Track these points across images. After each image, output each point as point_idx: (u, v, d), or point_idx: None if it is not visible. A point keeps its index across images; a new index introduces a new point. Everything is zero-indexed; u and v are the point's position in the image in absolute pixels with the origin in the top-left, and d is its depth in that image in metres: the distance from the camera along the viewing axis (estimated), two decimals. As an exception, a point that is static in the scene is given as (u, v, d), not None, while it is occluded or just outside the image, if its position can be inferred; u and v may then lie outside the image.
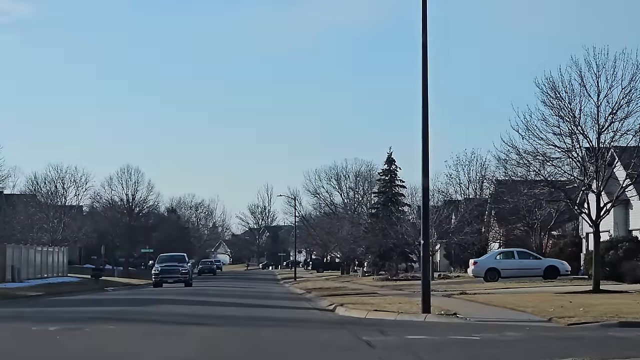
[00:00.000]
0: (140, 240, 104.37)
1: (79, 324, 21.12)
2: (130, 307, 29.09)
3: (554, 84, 32.50)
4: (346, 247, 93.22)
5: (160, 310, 27.89)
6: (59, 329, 19.76)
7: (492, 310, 25.87)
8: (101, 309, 28.68)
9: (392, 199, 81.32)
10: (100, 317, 23.53)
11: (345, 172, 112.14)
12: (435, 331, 19.66)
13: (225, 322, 22.75)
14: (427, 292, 23.84)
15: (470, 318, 22.93)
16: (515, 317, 23.42)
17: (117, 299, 38.27)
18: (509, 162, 34.98)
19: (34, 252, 65.31)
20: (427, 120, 23.93)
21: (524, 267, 49.56)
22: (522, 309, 25.13)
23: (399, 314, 24.12)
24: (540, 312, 23.82)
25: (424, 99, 23.82)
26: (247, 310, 28.29)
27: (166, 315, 24.94)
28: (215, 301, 33.71)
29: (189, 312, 26.98)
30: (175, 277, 58.28)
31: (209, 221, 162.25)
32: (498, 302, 28.44)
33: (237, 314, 25.95)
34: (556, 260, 50.59)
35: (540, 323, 21.82)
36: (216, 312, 26.92)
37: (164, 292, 45.31)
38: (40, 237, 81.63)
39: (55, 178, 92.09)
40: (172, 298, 36.55)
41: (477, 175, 71.44)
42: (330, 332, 20.14)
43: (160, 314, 26.00)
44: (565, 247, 57.04)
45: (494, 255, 51.75)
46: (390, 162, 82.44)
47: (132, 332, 19.45)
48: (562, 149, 32.29)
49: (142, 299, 36.71)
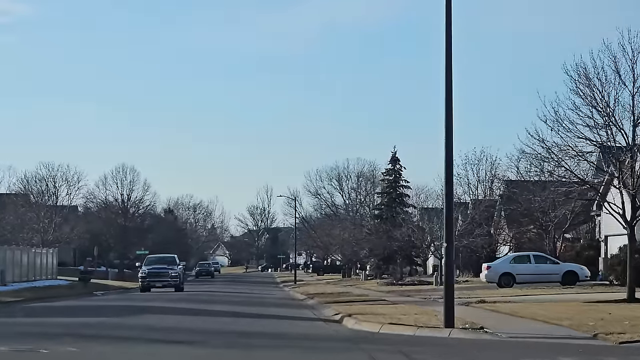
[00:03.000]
0: (135, 241, 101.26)
1: (39, 341, 17.64)
2: (109, 319, 25.44)
3: (586, 70, 29.26)
4: (348, 249, 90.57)
5: (141, 322, 24.23)
6: (6, 351, 16.29)
7: (522, 323, 22.63)
8: (76, 321, 25.04)
9: (396, 200, 78.54)
10: (69, 333, 19.97)
11: (347, 172, 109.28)
12: (468, 353, 16.37)
13: (213, 339, 19.29)
14: (451, 303, 20.48)
15: (501, 333, 19.69)
16: (552, 332, 20.18)
17: (101, 306, 34.77)
18: (535, 156, 31.65)
19: (20, 253, 62.25)
20: (451, 122, 20.87)
21: (541, 272, 46.39)
22: (557, 322, 21.89)
23: (418, 327, 20.77)
24: (579, 327, 20.60)
25: (447, 101, 20.78)
26: (242, 322, 24.75)
27: (144, 330, 21.30)
28: (206, 310, 30.26)
29: (172, 324, 23.51)
30: (165, 281, 53.23)
31: (207, 222, 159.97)
32: (525, 313, 25.20)
33: (229, 328, 22.44)
34: (575, 265, 47.41)
35: (585, 341, 18.59)
36: (204, 325, 23.32)
37: (152, 298, 41.53)
38: (31, 238, 78.85)
39: (46, 176, 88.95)
40: (159, 306, 33.06)
41: (487, 175, 68.15)
42: (343, 354, 16.80)
43: (139, 327, 22.43)
44: (582, 251, 53.99)
45: (509, 260, 48.45)
46: (395, 161, 79.66)
47: (94, 357, 16.20)
48: (595, 142, 29.03)
49: (126, 306, 33.22)
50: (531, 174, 53.00)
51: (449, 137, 20.89)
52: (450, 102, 20.90)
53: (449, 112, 20.90)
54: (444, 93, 20.95)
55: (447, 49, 20.87)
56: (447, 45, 20.87)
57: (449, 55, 20.85)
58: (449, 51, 20.86)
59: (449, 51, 20.86)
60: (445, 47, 20.89)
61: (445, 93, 20.91)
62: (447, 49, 20.87)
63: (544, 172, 49.24)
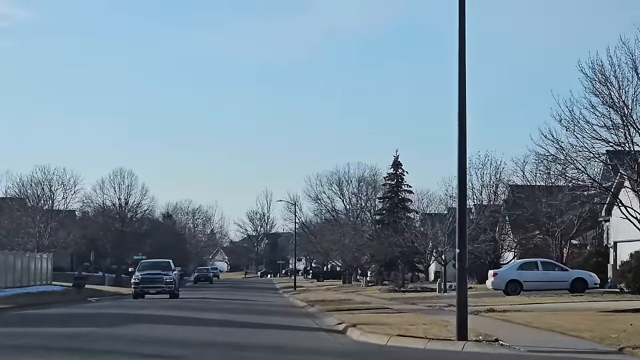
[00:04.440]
0: (132, 246, 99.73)
1: (11, 355, 16.07)
2: (97, 329, 23.67)
3: (602, 67, 27.84)
4: (348, 255, 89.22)
5: (130, 332, 22.45)
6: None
7: (538, 334, 21.13)
8: (60, 331, 23.27)
9: (398, 205, 77.24)
10: (46, 346, 18.35)
11: (347, 176, 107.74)
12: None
13: (206, 352, 17.77)
14: (464, 314, 18.96)
15: (519, 347, 18.20)
16: (574, 345, 18.69)
17: (92, 314, 33.13)
18: (548, 157, 30.23)
19: (13, 258, 60.73)
20: (465, 124, 19.51)
21: (549, 279, 44.92)
22: (577, 334, 20.39)
23: (429, 340, 19.21)
24: (602, 339, 19.12)
25: (460, 106, 19.39)
26: (238, 333, 23.08)
27: (131, 343, 19.55)
28: (200, 319, 28.66)
29: (163, 335, 21.86)
30: (159, 287, 50.98)
31: (206, 227, 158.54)
32: (540, 323, 23.71)
33: (224, 339, 20.73)
34: (584, 272, 45.95)
35: (612, 356, 17.13)
36: (197, 336, 21.63)
37: (146, 305, 39.71)
38: (26, 243, 77.38)
39: (42, 180, 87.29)
40: (151, 314, 31.43)
41: (492, 179, 66.57)
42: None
43: (126, 338, 20.69)
44: (589, 257, 52.58)
45: (516, 266, 46.95)
46: (397, 165, 78.40)
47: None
48: (612, 143, 27.60)
49: (118, 314, 31.63)
50: (537, 178, 51.56)
51: (463, 138, 19.57)
52: (464, 107, 19.56)
53: (462, 115, 19.58)
54: (457, 98, 19.62)
55: (460, 55, 19.50)
56: (460, 52, 19.51)
57: (462, 63, 19.47)
58: (462, 58, 19.47)
59: (462, 58, 19.47)
60: (458, 54, 19.54)
61: (459, 99, 19.55)
62: (460, 56, 19.50)
63: (550, 175, 47.80)
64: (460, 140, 19.61)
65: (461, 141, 19.61)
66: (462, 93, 19.49)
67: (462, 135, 19.59)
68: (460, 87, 19.49)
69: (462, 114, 19.57)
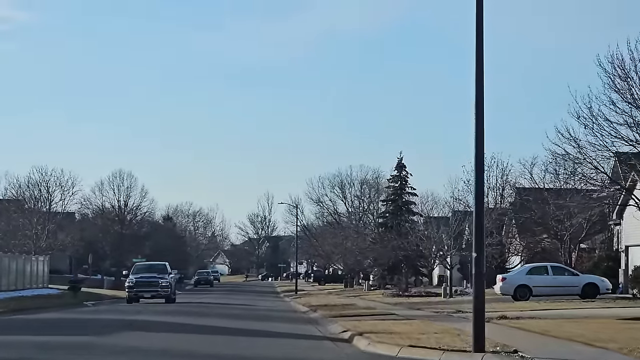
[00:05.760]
0: (132, 249, 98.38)
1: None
2: (84, 337, 21.86)
3: (622, 61, 26.42)
4: (351, 258, 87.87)
5: (119, 342, 20.76)
6: None
7: (559, 345, 19.65)
8: (35, 340, 21.43)
9: (402, 208, 75.79)
10: (9, 359, 16.94)
11: (350, 179, 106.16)
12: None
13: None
14: (482, 323, 17.46)
15: (540, 359, 16.77)
16: (600, 357, 17.25)
17: (84, 319, 31.44)
18: (565, 156, 28.80)
19: (8, 260, 59.34)
20: (482, 124, 18.29)
21: (559, 284, 43.47)
22: (601, 345, 18.91)
23: (444, 352, 17.69)
24: (631, 351, 17.61)
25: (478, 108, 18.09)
26: (237, 342, 21.54)
27: (115, 355, 18.02)
28: (195, 325, 27.15)
29: (149, 346, 20.15)
30: (154, 291, 48.88)
31: (207, 230, 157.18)
32: (559, 332, 22.25)
33: (221, 350, 19.18)
34: (595, 277, 44.47)
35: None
36: (191, 347, 19.92)
37: (141, 310, 37.99)
38: (23, 245, 76.01)
39: (39, 181, 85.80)
40: (146, 319, 29.84)
41: (498, 182, 65.05)
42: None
43: (111, 350, 18.97)
44: (600, 262, 51.19)
45: (525, 271, 45.42)
46: (401, 167, 77.08)
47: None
48: (633, 141, 26.19)
49: (111, 320, 30.03)
50: (546, 180, 50.09)
51: (480, 138, 18.39)
52: (481, 106, 18.33)
53: (480, 115, 18.35)
54: (475, 99, 18.43)
55: (478, 57, 18.24)
56: (478, 53, 18.25)
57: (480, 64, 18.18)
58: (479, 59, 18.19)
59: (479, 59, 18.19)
60: (476, 55, 18.31)
61: (476, 101, 18.32)
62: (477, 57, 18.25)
63: (559, 177, 46.26)
64: (478, 142, 18.50)
65: (478, 142, 18.51)
66: (479, 95, 18.33)
67: (479, 135, 18.45)
68: (478, 90, 18.35)
69: (479, 113, 18.39)
